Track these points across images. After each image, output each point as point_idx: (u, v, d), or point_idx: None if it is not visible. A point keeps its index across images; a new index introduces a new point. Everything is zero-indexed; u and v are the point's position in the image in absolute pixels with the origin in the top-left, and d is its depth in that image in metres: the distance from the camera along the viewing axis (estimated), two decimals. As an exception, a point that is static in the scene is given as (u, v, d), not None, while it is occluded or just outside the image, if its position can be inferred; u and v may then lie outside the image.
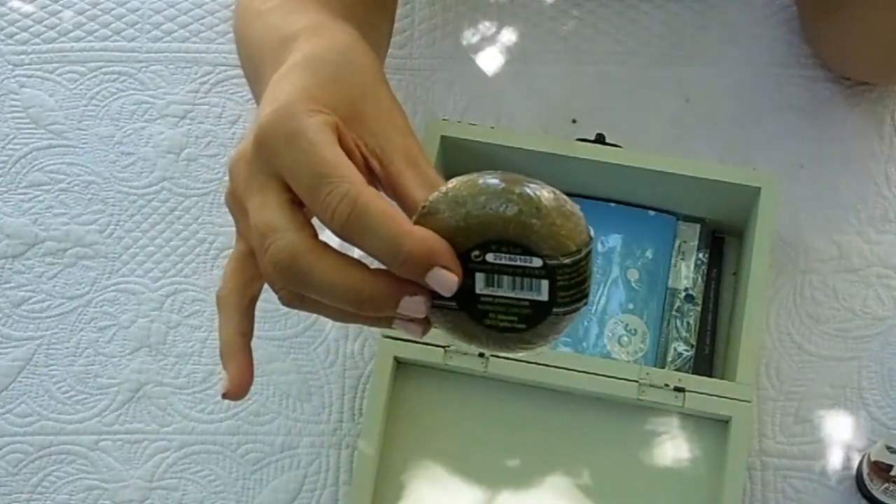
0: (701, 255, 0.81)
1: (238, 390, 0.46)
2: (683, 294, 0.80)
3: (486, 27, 0.93)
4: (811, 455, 0.79)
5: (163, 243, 0.87)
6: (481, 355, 0.73)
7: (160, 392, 0.83)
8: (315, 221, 0.43)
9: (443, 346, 0.74)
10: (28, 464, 0.82)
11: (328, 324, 0.84)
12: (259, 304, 0.87)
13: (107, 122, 0.91)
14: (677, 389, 0.72)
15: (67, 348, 0.85)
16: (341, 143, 0.43)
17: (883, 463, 0.72)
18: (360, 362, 0.83)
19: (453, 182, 0.41)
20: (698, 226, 0.82)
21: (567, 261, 0.41)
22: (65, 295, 0.86)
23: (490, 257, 0.41)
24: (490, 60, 0.92)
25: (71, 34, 0.94)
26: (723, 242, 0.83)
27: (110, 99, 0.92)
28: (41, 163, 0.90)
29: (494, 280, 0.41)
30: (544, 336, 0.43)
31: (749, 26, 0.91)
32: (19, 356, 0.85)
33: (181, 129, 0.91)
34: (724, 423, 0.73)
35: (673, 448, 0.74)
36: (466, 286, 0.41)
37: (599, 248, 0.81)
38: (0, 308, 0.86)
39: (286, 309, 0.84)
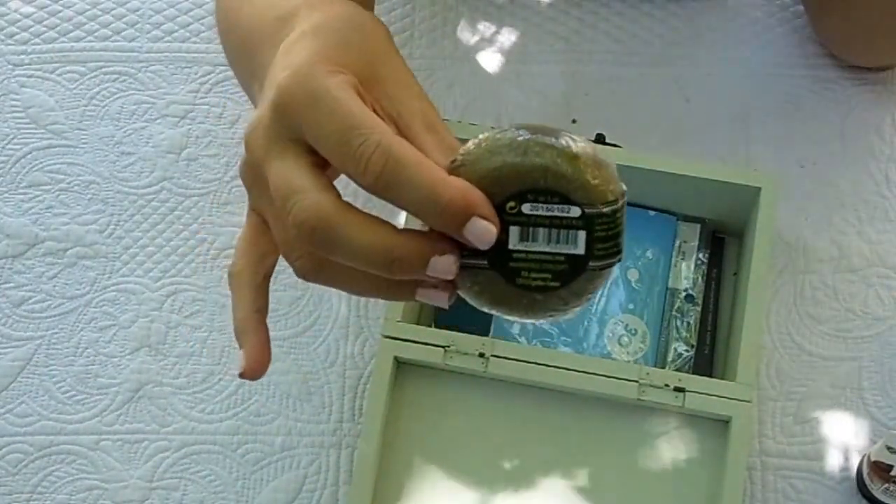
0: (701, 255, 0.81)
1: (256, 368, 0.45)
2: (684, 294, 0.80)
3: (486, 27, 0.93)
4: (811, 455, 0.79)
5: (163, 243, 0.87)
6: (481, 355, 0.73)
7: (160, 392, 0.83)
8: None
9: (443, 346, 0.74)
10: (28, 464, 0.82)
11: (328, 324, 0.84)
12: (259, 304, 0.87)
13: (107, 122, 0.91)
14: (677, 389, 0.72)
15: (67, 348, 0.85)
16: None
17: (883, 463, 0.72)
18: (360, 362, 0.83)
19: (486, 134, 0.41)
20: (698, 226, 0.82)
21: (606, 210, 0.40)
22: (65, 295, 0.86)
23: (526, 208, 0.40)
24: (490, 60, 0.92)
25: (71, 34, 0.94)
26: (723, 242, 0.83)
27: (110, 99, 0.92)
28: (41, 163, 0.90)
29: (529, 233, 0.40)
30: (578, 294, 0.41)
31: (749, 26, 0.91)
32: (19, 356, 0.85)
33: (181, 129, 0.91)
34: (725, 423, 0.73)
35: (673, 448, 0.74)
36: (499, 242, 0.40)
37: (599, 248, 0.81)
38: (0, 308, 0.86)
39: (286, 309, 0.84)
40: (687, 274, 0.81)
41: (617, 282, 0.80)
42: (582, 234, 0.40)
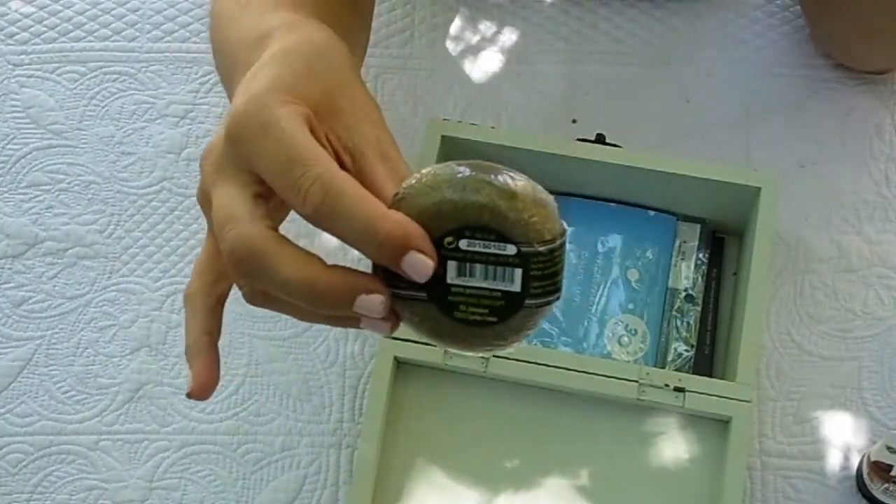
0: (701, 255, 0.81)
1: (202, 390, 0.45)
2: (684, 294, 0.80)
3: (486, 27, 0.93)
4: (811, 455, 0.79)
5: (163, 243, 0.87)
6: (481, 355, 0.73)
7: (160, 392, 0.83)
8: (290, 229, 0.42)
9: (443, 346, 0.74)
10: (28, 464, 0.82)
11: (328, 324, 0.84)
12: (259, 304, 0.87)
13: (107, 122, 0.91)
14: (677, 389, 0.72)
15: (67, 348, 0.85)
16: (314, 135, 0.43)
17: (883, 463, 0.72)
18: (360, 362, 0.83)
19: (428, 169, 0.41)
20: (698, 226, 0.82)
21: (542, 248, 0.40)
22: (65, 295, 0.86)
23: (463, 244, 0.40)
24: (490, 60, 0.92)
25: (71, 34, 0.94)
26: (723, 242, 0.83)
27: (110, 99, 0.92)
28: (41, 163, 0.90)
29: (467, 269, 0.41)
30: (516, 331, 0.42)
31: (749, 26, 0.91)
32: (19, 356, 0.85)
33: (181, 129, 0.91)
34: (725, 423, 0.73)
35: (673, 448, 0.74)
36: (438, 276, 0.41)
37: (599, 248, 0.81)
38: (0, 308, 0.86)
39: (286, 309, 0.84)
40: (687, 274, 0.81)
41: (617, 282, 0.80)
42: (518, 272, 0.41)
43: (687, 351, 0.79)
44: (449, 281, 0.41)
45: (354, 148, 0.44)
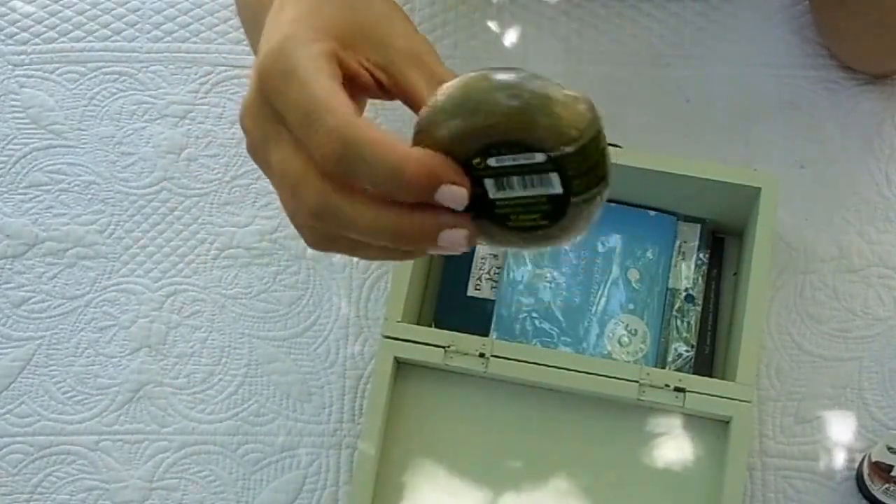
0: (701, 255, 0.81)
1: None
2: (684, 294, 0.80)
3: (487, 27, 0.93)
4: (812, 455, 0.78)
5: (163, 243, 0.87)
6: (481, 355, 0.73)
7: (160, 392, 0.83)
8: None
9: (443, 347, 0.74)
10: (28, 464, 0.82)
11: (328, 324, 0.84)
12: (258, 305, 0.88)
13: (107, 122, 0.91)
14: (678, 390, 0.72)
15: (67, 348, 0.85)
16: (344, 67, 0.42)
17: (883, 463, 0.72)
18: (360, 363, 0.83)
19: (442, 91, 0.40)
20: (698, 226, 0.82)
21: (570, 149, 0.39)
22: (65, 295, 0.86)
23: (492, 162, 0.40)
24: (490, 60, 0.92)
25: (71, 34, 0.94)
26: (723, 242, 0.83)
27: (110, 99, 0.92)
28: (41, 163, 0.90)
29: (504, 183, 0.40)
30: (573, 226, 0.42)
31: (749, 26, 0.91)
32: (19, 356, 0.85)
33: (181, 129, 0.91)
34: (725, 423, 0.73)
35: (673, 448, 0.74)
36: (479, 194, 0.40)
37: (599, 248, 0.81)
38: (0, 308, 0.86)
39: (286, 310, 0.84)
40: (687, 274, 0.81)
41: (617, 282, 0.80)
42: (555, 176, 0.40)
43: (687, 351, 0.79)
44: (491, 197, 0.41)
45: (386, 63, 0.43)
